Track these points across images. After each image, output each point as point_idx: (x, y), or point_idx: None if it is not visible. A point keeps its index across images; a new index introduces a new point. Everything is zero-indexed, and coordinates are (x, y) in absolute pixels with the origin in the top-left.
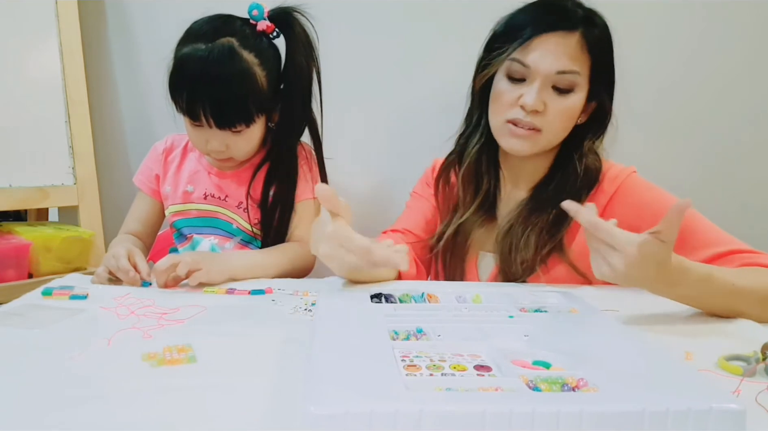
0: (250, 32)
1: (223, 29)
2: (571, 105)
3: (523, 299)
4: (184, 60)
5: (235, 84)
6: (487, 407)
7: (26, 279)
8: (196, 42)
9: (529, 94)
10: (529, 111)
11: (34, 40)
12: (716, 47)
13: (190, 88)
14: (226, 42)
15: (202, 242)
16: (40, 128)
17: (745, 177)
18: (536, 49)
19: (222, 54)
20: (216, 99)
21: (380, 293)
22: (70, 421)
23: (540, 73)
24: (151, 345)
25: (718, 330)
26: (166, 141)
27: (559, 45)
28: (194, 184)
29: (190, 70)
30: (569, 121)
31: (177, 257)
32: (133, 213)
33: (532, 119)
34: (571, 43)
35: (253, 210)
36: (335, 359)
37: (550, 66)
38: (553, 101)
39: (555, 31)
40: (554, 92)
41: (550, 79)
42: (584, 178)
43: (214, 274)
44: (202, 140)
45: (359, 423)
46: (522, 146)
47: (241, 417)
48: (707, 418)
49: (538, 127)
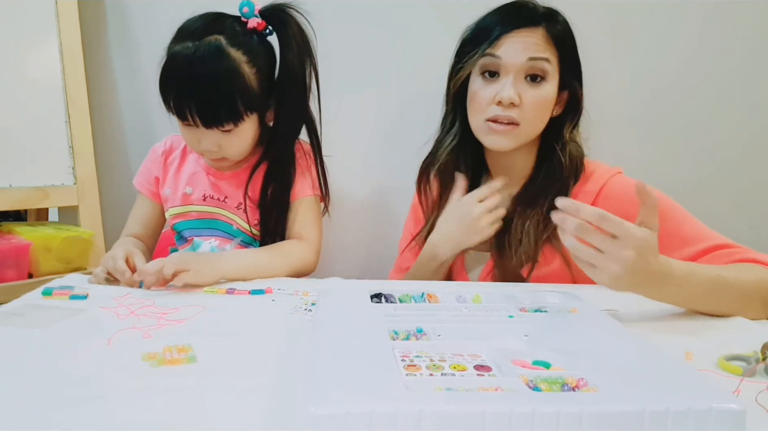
0: (240, 30)
1: (212, 27)
2: (544, 94)
3: (523, 299)
4: (172, 59)
5: (222, 82)
6: (487, 407)
7: (26, 279)
8: (185, 40)
9: (504, 88)
10: (506, 105)
11: (34, 40)
12: (715, 47)
13: (177, 87)
14: (213, 40)
15: (202, 244)
16: (40, 128)
17: (745, 177)
18: (505, 43)
19: (208, 52)
20: (202, 98)
21: (380, 293)
22: (70, 421)
23: (512, 64)
24: (151, 345)
25: (718, 331)
26: (166, 142)
27: (528, 37)
28: (193, 186)
29: (177, 68)
30: (545, 111)
31: (164, 259)
32: (134, 215)
33: (510, 113)
34: (537, 36)
35: (251, 210)
36: (335, 359)
37: (521, 54)
38: (527, 92)
39: (521, 28)
40: (527, 83)
41: (523, 69)
42: (570, 166)
43: (204, 275)
44: (194, 140)
45: (359, 423)
46: (503, 142)
47: (241, 417)
48: (707, 418)
49: (516, 120)
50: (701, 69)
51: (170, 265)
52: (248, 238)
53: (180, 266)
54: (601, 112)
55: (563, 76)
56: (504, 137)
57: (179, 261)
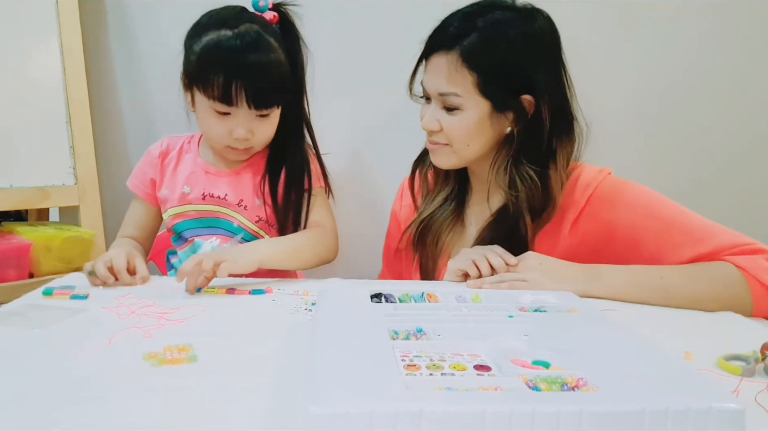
0: (264, 21)
1: (243, 17)
2: (462, 122)
3: (523, 299)
4: (215, 46)
5: (271, 65)
6: (487, 407)
7: (27, 279)
8: (220, 29)
9: (426, 116)
10: (427, 131)
11: (35, 40)
12: (716, 47)
13: (226, 72)
14: (251, 27)
15: (203, 245)
16: (40, 128)
17: (745, 177)
18: (428, 69)
19: (253, 38)
20: (253, 80)
21: (380, 293)
22: (71, 421)
23: (431, 93)
24: (151, 345)
25: (718, 330)
26: (162, 144)
27: (440, 65)
28: (191, 185)
29: (224, 54)
30: (474, 134)
31: (198, 255)
32: (129, 218)
33: (435, 138)
34: (449, 63)
35: (253, 208)
36: (335, 359)
37: (434, 87)
38: (446, 119)
39: (438, 51)
40: (445, 111)
41: (438, 99)
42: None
43: (242, 264)
44: (225, 131)
45: (359, 423)
46: (438, 160)
47: (241, 417)
48: (707, 418)
49: (442, 142)
50: (701, 69)
51: (208, 258)
52: (249, 235)
53: (217, 258)
54: (601, 113)
55: (492, 97)
56: (440, 156)
57: (215, 254)
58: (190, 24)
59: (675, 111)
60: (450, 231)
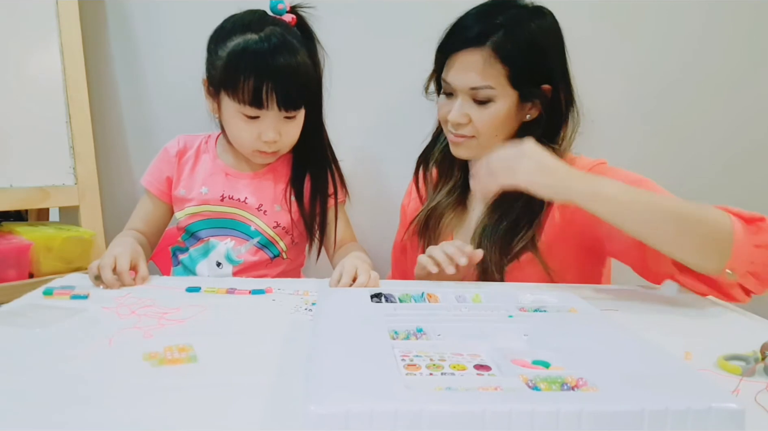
0: (285, 24)
1: (265, 20)
2: (494, 113)
3: (523, 299)
4: (243, 50)
5: (300, 66)
6: (487, 406)
7: (27, 279)
8: (245, 33)
9: (453, 110)
10: (455, 125)
11: (35, 40)
12: (716, 47)
13: (256, 76)
14: (276, 29)
15: (218, 246)
16: (40, 128)
17: (745, 177)
18: (453, 65)
19: (279, 39)
20: (282, 82)
21: (380, 293)
22: (71, 420)
23: (459, 88)
24: (151, 345)
25: (717, 330)
26: (179, 142)
27: (469, 62)
28: (209, 186)
29: (251, 57)
30: (501, 124)
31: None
32: (138, 212)
33: (462, 131)
34: (480, 59)
35: (272, 214)
36: (335, 358)
37: (464, 83)
38: (476, 112)
39: (465, 49)
40: (476, 104)
41: (468, 94)
42: None
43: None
44: (253, 134)
45: (359, 423)
46: (461, 152)
47: (240, 417)
48: (707, 418)
49: (470, 134)
50: (702, 69)
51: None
52: (265, 239)
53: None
54: (601, 112)
55: (522, 89)
56: (464, 149)
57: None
58: (190, 24)
59: (674, 109)
60: (452, 214)
